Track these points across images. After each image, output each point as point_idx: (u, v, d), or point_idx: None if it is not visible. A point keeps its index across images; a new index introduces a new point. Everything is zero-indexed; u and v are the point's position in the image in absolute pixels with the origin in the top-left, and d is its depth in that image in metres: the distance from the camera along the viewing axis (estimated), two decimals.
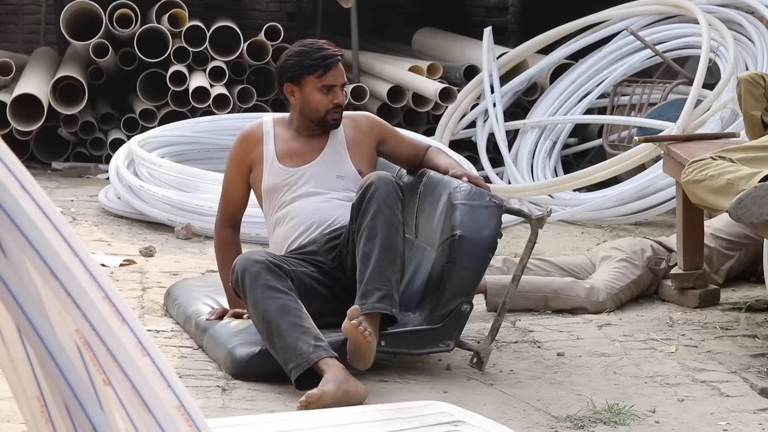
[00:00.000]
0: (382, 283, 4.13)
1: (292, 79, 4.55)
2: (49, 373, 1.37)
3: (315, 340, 4.03)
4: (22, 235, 1.31)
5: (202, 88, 8.46)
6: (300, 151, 4.60)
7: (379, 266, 4.15)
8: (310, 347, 4.00)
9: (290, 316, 4.07)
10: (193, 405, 1.37)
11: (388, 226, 4.19)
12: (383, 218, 4.19)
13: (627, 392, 4.23)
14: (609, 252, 5.66)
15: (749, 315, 5.28)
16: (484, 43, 8.46)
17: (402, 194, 4.29)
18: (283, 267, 4.23)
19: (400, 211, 4.25)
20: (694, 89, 7.23)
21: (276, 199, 4.57)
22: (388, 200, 4.21)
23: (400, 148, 4.71)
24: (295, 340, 4.02)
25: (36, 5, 10.46)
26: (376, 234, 4.18)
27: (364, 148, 4.63)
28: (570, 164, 8.36)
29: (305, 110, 4.57)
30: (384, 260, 4.16)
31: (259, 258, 4.21)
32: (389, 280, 4.15)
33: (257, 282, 4.12)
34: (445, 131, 8.35)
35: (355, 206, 4.30)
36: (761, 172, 4.43)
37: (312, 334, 4.05)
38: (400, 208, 4.26)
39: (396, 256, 4.20)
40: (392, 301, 4.14)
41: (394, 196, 4.23)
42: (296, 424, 2.46)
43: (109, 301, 1.35)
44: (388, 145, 4.68)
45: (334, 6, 8.99)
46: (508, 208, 4.60)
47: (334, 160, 4.58)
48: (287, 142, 4.61)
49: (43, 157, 8.54)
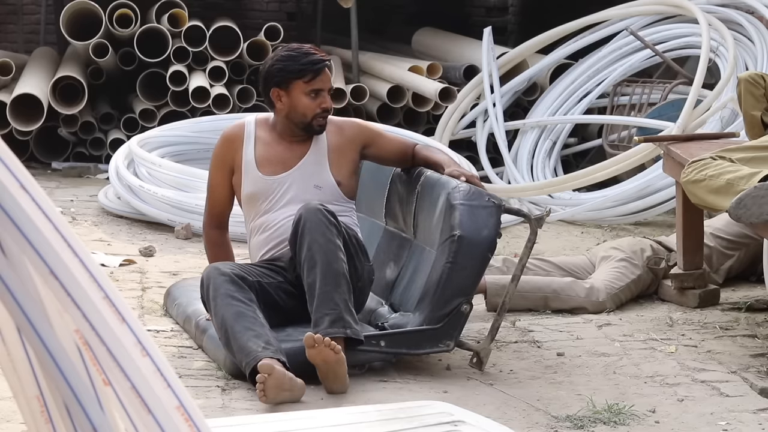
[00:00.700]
0: (329, 308, 4.17)
1: (280, 83, 4.55)
2: (49, 373, 1.37)
3: (265, 343, 4.10)
4: (22, 235, 1.31)
5: (201, 88, 8.46)
6: (281, 157, 4.58)
7: (323, 293, 4.19)
8: (259, 347, 4.08)
9: (245, 322, 4.16)
10: (193, 405, 1.37)
11: (325, 252, 4.22)
12: (318, 246, 4.22)
13: (627, 392, 4.23)
14: (609, 252, 5.66)
15: (749, 315, 5.28)
16: (484, 43, 8.46)
17: (333, 218, 4.29)
18: (246, 279, 4.31)
19: (334, 235, 4.25)
20: (694, 89, 7.23)
21: (255, 206, 4.59)
22: (319, 227, 4.23)
23: (387, 149, 4.67)
24: (246, 341, 4.11)
25: (36, 5, 10.46)
26: (315, 263, 4.22)
27: (346, 155, 4.60)
28: (570, 164, 8.36)
29: (292, 115, 4.56)
30: (327, 285, 4.19)
31: (224, 270, 4.30)
32: (336, 304, 4.18)
33: (219, 291, 4.23)
34: (445, 131, 8.35)
35: (290, 243, 4.34)
36: (761, 172, 4.43)
37: (263, 338, 4.13)
38: (334, 232, 4.26)
39: (339, 278, 4.21)
40: (344, 322, 4.17)
41: (325, 222, 4.24)
42: (296, 424, 2.46)
43: (109, 301, 1.35)
44: (373, 148, 4.65)
45: (334, 6, 8.98)
46: (508, 208, 4.60)
47: (314, 169, 4.56)
48: (268, 147, 4.61)
49: (43, 157, 8.54)
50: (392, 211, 4.82)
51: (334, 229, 4.26)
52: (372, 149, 4.65)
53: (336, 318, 4.16)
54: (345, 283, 4.23)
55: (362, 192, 4.98)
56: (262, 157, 4.58)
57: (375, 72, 8.96)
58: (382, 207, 4.87)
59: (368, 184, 4.97)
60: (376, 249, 4.85)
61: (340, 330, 4.15)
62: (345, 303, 4.20)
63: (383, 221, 4.88)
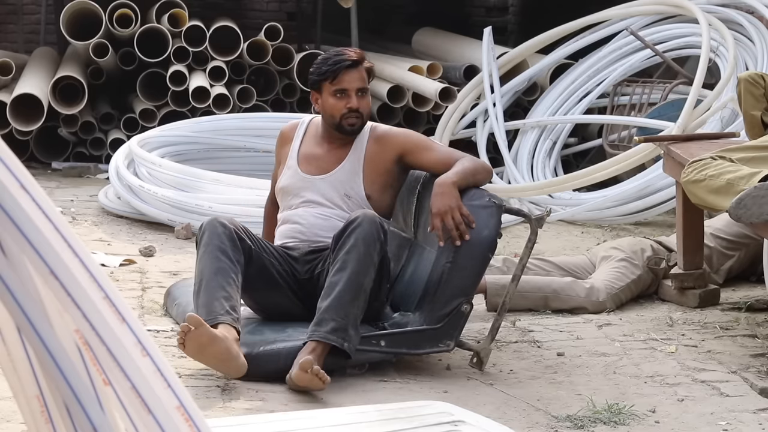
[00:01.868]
0: (339, 315, 4.16)
1: (314, 86, 4.66)
2: (49, 373, 1.37)
3: (230, 308, 4.17)
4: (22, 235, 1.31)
5: (202, 88, 8.46)
6: (320, 159, 4.65)
7: (340, 298, 4.17)
8: (222, 310, 4.14)
9: (221, 280, 4.22)
10: (193, 405, 1.37)
11: (359, 263, 4.20)
12: (357, 254, 4.20)
13: (627, 392, 4.23)
14: (609, 252, 5.66)
15: (749, 315, 5.28)
16: (484, 43, 8.46)
17: (384, 237, 4.27)
18: (244, 242, 4.35)
19: (377, 252, 4.23)
20: (694, 89, 7.23)
21: (285, 199, 4.67)
22: (368, 238, 4.21)
23: (425, 163, 4.57)
24: (213, 299, 4.17)
25: (36, 5, 10.45)
26: (346, 267, 4.21)
27: (380, 166, 4.57)
28: (570, 164, 8.36)
29: (325, 117, 4.64)
30: (347, 294, 4.18)
31: (225, 223, 4.35)
32: (347, 314, 4.17)
33: (211, 241, 4.30)
34: (445, 131, 8.35)
35: (335, 237, 4.33)
36: (761, 172, 4.43)
37: (231, 302, 4.19)
38: (378, 249, 4.24)
39: (360, 293, 4.20)
40: (346, 335, 4.15)
41: (375, 236, 4.23)
42: (296, 424, 2.46)
43: (109, 301, 1.35)
44: (411, 158, 4.58)
45: (334, 6, 8.98)
46: (508, 208, 4.60)
47: (348, 178, 4.58)
48: (312, 146, 4.70)
49: (43, 157, 8.54)
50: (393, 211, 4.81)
51: (379, 245, 4.24)
52: (409, 159, 4.58)
53: (340, 327, 4.15)
54: (363, 300, 4.22)
55: None
56: (304, 155, 4.69)
57: (375, 72, 8.95)
58: None
59: None
60: None
61: (338, 340, 4.13)
62: (355, 318, 4.19)
63: None
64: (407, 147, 4.58)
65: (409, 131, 4.75)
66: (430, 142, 4.66)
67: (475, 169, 4.45)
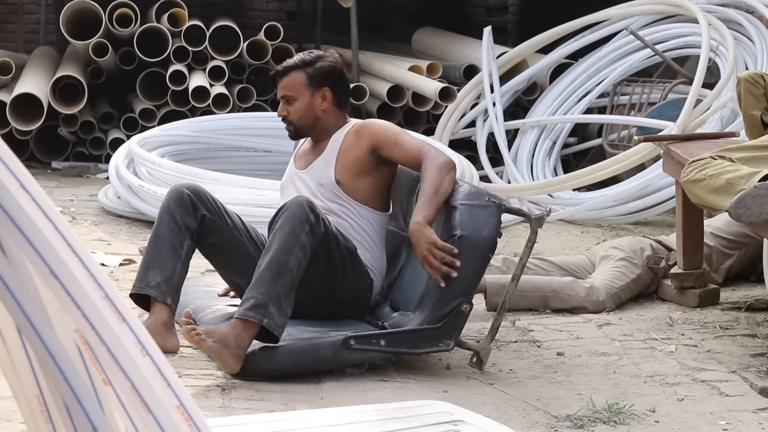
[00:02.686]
0: (259, 293, 4.19)
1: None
2: (49, 373, 1.37)
3: (163, 279, 4.44)
4: (22, 235, 1.31)
5: (201, 87, 8.46)
6: (307, 154, 4.74)
7: (261, 278, 4.22)
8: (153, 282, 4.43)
9: (163, 248, 4.47)
10: (193, 405, 1.37)
11: (282, 242, 4.24)
12: (281, 234, 4.25)
13: (627, 392, 4.23)
14: (608, 251, 5.66)
15: (749, 314, 5.28)
16: (483, 42, 8.46)
17: (314, 217, 4.29)
18: (198, 210, 4.52)
19: (305, 233, 4.26)
20: (694, 89, 7.23)
21: (282, 195, 4.75)
22: (292, 219, 4.26)
23: (395, 157, 4.60)
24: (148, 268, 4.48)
25: (36, 5, 10.45)
26: (270, 248, 4.26)
27: (353, 154, 4.61)
28: (570, 164, 8.36)
29: None
30: (268, 272, 4.22)
31: (184, 191, 4.55)
32: (267, 292, 4.19)
33: (167, 206, 4.53)
34: (445, 131, 8.35)
35: (269, 225, 4.42)
36: (761, 172, 4.43)
37: (166, 272, 4.44)
38: (307, 230, 4.26)
39: (283, 272, 4.22)
40: (265, 311, 4.16)
41: (301, 218, 4.26)
42: (296, 423, 2.46)
43: (109, 300, 1.35)
44: (383, 151, 4.61)
45: (334, 6, 8.98)
46: (508, 208, 4.60)
47: (322, 168, 4.63)
48: (306, 145, 4.80)
49: (42, 156, 8.54)
50: (392, 210, 4.81)
51: (308, 227, 4.27)
52: (382, 152, 4.61)
53: (260, 304, 4.17)
54: (288, 279, 4.23)
55: None
56: (299, 153, 4.80)
57: (375, 71, 8.96)
58: None
59: None
60: None
61: (257, 317, 4.15)
62: (278, 295, 4.20)
63: None
64: (379, 141, 4.60)
65: (385, 125, 4.73)
66: (400, 137, 4.61)
67: (438, 184, 4.39)
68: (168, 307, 4.43)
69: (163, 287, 4.42)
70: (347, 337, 4.27)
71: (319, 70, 4.67)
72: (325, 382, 4.22)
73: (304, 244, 4.26)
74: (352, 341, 4.27)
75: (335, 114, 4.69)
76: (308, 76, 4.66)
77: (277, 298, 4.19)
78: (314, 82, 4.66)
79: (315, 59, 4.70)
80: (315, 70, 4.67)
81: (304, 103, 4.65)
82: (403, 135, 4.64)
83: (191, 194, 4.54)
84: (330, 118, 4.68)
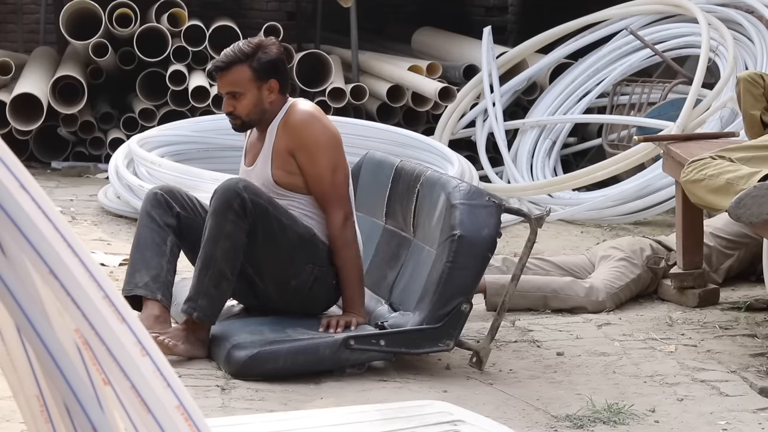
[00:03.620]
0: (192, 287, 4.39)
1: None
2: (49, 373, 1.37)
3: (150, 278, 4.46)
4: (22, 235, 1.31)
5: (201, 87, 8.46)
6: (253, 149, 4.66)
7: (195, 272, 4.41)
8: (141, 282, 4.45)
9: (147, 250, 4.48)
10: (192, 404, 1.37)
11: (208, 234, 4.34)
12: (208, 226, 4.36)
13: (626, 392, 4.23)
14: (608, 251, 5.66)
15: (749, 314, 5.28)
16: (483, 42, 8.46)
17: (241, 201, 4.29)
18: (173, 207, 4.54)
19: (230, 221, 4.30)
20: (694, 89, 7.23)
21: None
22: (216, 211, 4.33)
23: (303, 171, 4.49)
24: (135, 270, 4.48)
25: (36, 5, 10.45)
26: (202, 240, 4.38)
27: (282, 154, 4.52)
28: (569, 164, 8.36)
29: None
30: (198, 265, 4.40)
31: (158, 192, 4.58)
32: (195, 285, 4.36)
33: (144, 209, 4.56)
34: (445, 131, 8.35)
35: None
36: (761, 172, 4.43)
37: (153, 272, 4.45)
38: (231, 218, 4.29)
39: (209, 263, 4.34)
40: (195, 305, 4.36)
41: (224, 206, 4.31)
42: (295, 423, 2.46)
43: (109, 300, 1.35)
44: (297, 158, 4.50)
45: (334, 5, 8.98)
46: (508, 208, 4.60)
47: (262, 167, 4.56)
48: (251, 138, 4.71)
49: (42, 156, 8.54)
50: (392, 210, 4.82)
51: (233, 214, 4.29)
52: (297, 159, 4.51)
53: (191, 297, 4.37)
54: (216, 270, 4.32)
55: (362, 192, 4.98)
56: (248, 145, 4.72)
57: (374, 71, 8.96)
58: (382, 206, 4.87)
59: (368, 184, 4.97)
60: (375, 248, 4.85)
61: (188, 310, 4.36)
62: (207, 287, 4.34)
63: (383, 220, 4.88)
64: (296, 147, 4.49)
65: (307, 131, 4.50)
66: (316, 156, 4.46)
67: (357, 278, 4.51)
68: (159, 303, 4.46)
69: (151, 285, 4.45)
70: (347, 337, 4.28)
71: (264, 62, 4.50)
72: (324, 382, 4.22)
73: (230, 234, 4.30)
74: (352, 341, 4.27)
75: (280, 102, 4.55)
76: (253, 70, 4.49)
77: (207, 290, 4.34)
78: (260, 75, 4.49)
79: (256, 49, 4.50)
80: (260, 63, 4.49)
81: (252, 98, 4.50)
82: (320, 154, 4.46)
83: (164, 194, 4.56)
84: (276, 108, 4.54)
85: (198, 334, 4.38)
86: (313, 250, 4.48)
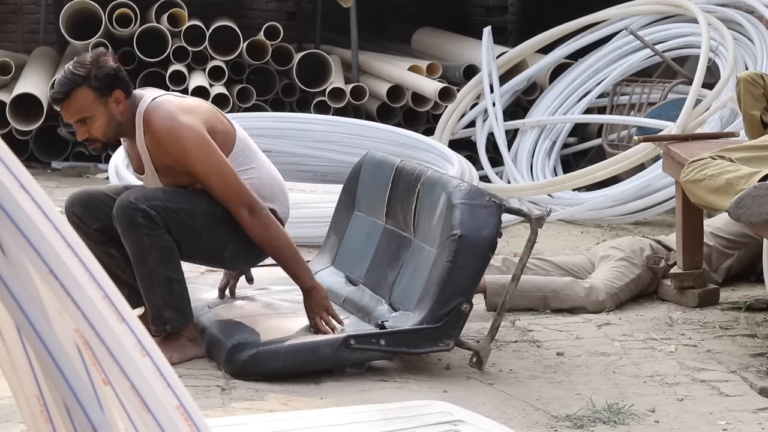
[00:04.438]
0: (151, 308, 4.39)
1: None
2: (49, 373, 1.37)
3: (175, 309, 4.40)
4: (22, 235, 1.31)
5: (201, 87, 8.46)
6: (133, 156, 4.55)
7: (143, 293, 4.39)
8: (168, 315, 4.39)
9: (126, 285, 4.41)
10: (192, 404, 1.37)
11: (133, 255, 4.33)
12: (129, 248, 4.34)
13: (626, 392, 4.23)
14: (608, 251, 5.66)
15: (749, 314, 5.28)
16: (483, 42, 8.46)
17: (142, 213, 4.26)
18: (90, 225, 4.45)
19: (145, 234, 4.28)
20: (694, 89, 7.23)
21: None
22: (125, 232, 4.31)
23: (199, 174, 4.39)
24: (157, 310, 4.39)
25: (36, 5, 10.45)
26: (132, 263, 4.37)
27: (162, 165, 4.44)
28: (569, 164, 8.36)
29: None
30: (143, 288, 4.37)
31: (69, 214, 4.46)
32: (153, 306, 4.38)
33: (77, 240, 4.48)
34: (445, 131, 8.35)
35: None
36: (760, 172, 4.43)
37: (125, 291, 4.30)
38: (144, 231, 4.27)
39: (151, 279, 4.35)
40: (163, 320, 4.38)
41: (129, 223, 4.29)
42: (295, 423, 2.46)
43: (109, 300, 1.35)
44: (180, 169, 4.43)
45: (334, 5, 8.98)
46: (508, 208, 4.60)
47: (152, 176, 4.49)
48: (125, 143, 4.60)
49: (42, 156, 8.54)
50: (393, 210, 4.81)
51: (142, 227, 4.26)
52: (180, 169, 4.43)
53: (156, 316, 4.37)
54: (160, 280, 4.33)
55: (363, 192, 4.98)
56: (129, 154, 4.62)
57: (374, 71, 8.96)
58: (383, 206, 4.87)
59: (369, 184, 4.97)
60: (376, 248, 4.85)
61: (159, 329, 4.36)
62: (162, 299, 4.36)
63: (383, 220, 4.88)
64: (174, 164, 4.41)
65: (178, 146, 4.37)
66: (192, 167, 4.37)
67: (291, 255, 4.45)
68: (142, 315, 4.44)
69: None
70: (347, 336, 4.28)
71: (103, 77, 4.31)
72: (324, 382, 4.22)
73: (152, 244, 4.30)
74: (352, 341, 4.27)
75: (131, 106, 4.42)
76: (94, 89, 4.31)
77: (165, 302, 4.37)
78: (103, 91, 4.32)
79: (90, 68, 4.32)
80: (98, 80, 4.31)
81: (103, 117, 4.34)
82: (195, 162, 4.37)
83: (75, 214, 4.46)
84: (128, 113, 4.41)
85: (185, 336, 4.40)
86: (228, 219, 4.42)
